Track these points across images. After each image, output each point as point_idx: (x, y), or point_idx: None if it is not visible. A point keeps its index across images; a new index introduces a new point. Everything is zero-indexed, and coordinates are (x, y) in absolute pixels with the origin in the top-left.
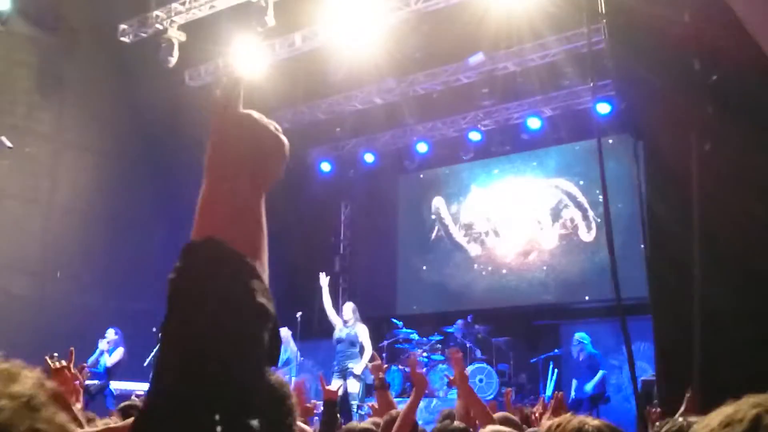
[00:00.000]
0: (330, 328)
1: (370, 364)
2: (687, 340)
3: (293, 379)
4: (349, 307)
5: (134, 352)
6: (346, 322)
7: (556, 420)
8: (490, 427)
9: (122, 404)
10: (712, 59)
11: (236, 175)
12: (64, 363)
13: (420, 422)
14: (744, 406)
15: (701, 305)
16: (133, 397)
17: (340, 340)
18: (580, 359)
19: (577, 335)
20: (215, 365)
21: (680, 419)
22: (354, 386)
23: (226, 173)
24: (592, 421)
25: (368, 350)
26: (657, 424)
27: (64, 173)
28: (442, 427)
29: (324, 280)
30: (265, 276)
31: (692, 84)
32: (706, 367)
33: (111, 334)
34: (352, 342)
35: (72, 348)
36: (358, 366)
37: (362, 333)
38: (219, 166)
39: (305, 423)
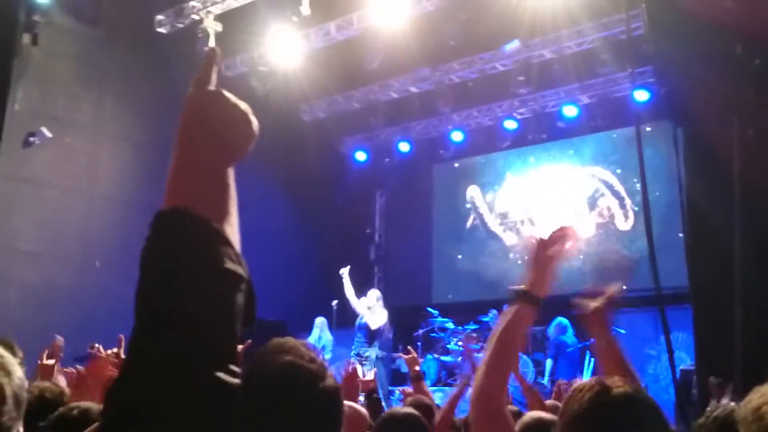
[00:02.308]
0: None
1: (405, 357)
2: (728, 329)
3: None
4: (373, 295)
5: None
6: (370, 308)
7: (578, 385)
8: (534, 413)
9: None
10: (754, 43)
11: (204, 146)
12: (115, 351)
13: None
14: None
15: (743, 294)
16: None
17: (359, 327)
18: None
19: (556, 320)
20: (187, 327)
21: (732, 403)
22: (370, 374)
23: (194, 144)
24: (619, 388)
25: (368, 318)
26: (708, 408)
27: (104, 163)
28: None
29: (344, 271)
30: (235, 240)
31: (734, 68)
32: (748, 357)
33: None
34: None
35: (121, 336)
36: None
37: (371, 316)
38: (188, 138)
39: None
